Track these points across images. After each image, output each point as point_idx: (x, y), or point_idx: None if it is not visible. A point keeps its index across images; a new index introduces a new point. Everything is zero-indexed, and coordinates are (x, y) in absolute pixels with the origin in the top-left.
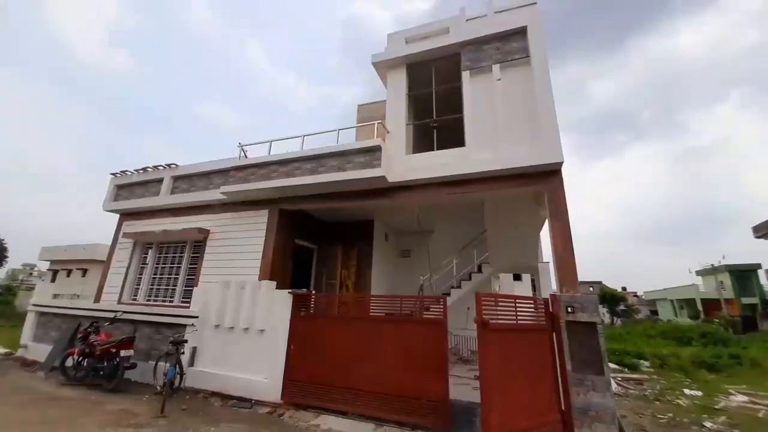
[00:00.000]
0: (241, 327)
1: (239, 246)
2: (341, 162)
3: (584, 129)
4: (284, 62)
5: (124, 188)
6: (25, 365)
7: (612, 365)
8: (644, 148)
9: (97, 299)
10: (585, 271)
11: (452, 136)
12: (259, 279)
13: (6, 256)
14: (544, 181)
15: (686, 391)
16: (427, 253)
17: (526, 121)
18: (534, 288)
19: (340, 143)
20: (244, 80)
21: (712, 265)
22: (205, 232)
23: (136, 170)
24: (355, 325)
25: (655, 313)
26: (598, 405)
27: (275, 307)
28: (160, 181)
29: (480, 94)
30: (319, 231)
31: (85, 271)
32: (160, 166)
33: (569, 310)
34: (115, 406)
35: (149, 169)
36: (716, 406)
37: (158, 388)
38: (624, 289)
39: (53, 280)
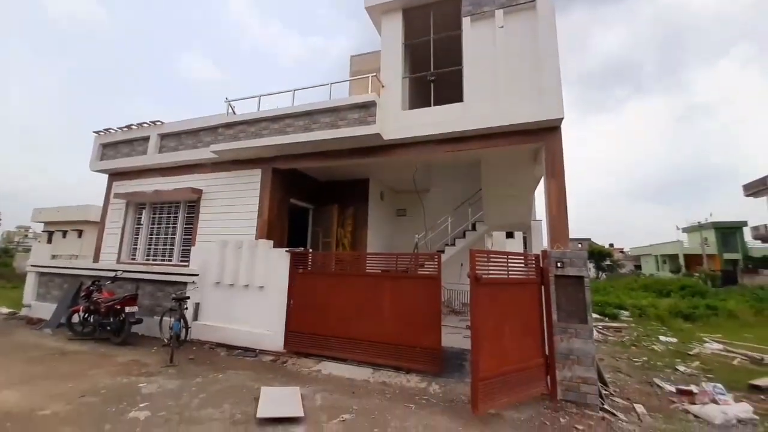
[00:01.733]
0: (242, 284)
1: (234, 206)
2: (334, 118)
3: (582, 82)
4: (268, 10)
5: (109, 147)
6: (30, 323)
7: (594, 315)
8: (644, 104)
9: (96, 259)
10: (575, 229)
11: (450, 90)
12: (256, 238)
13: None
14: (543, 137)
15: (662, 338)
16: (422, 212)
17: (528, 74)
18: (525, 245)
19: (333, 98)
20: (224, 31)
21: (699, 222)
22: (198, 192)
23: (120, 128)
24: (353, 281)
25: (639, 268)
26: (579, 350)
27: (273, 264)
28: (146, 139)
29: (480, 44)
30: (314, 190)
31: (80, 232)
32: (145, 123)
33: (559, 265)
34: (125, 357)
35: (134, 127)
36: (690, 353)
37: (165, 340)
38: (611, 245)
39: (49, 241)
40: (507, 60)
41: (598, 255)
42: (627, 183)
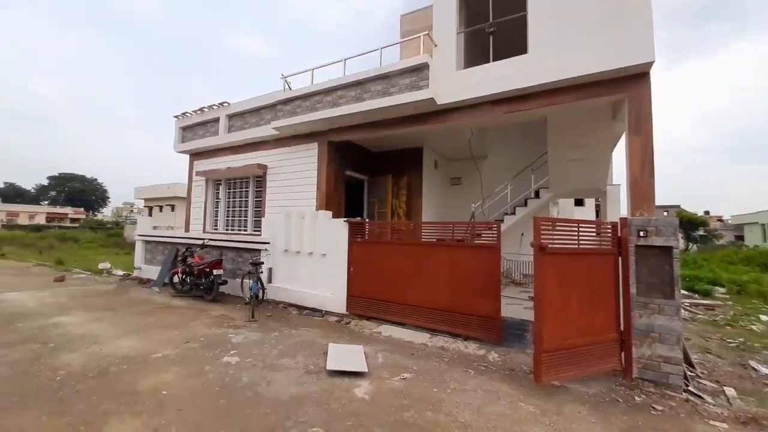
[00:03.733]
0: (306, 251)
1: (295, 179)
2: (386, 86)
3: (669, 21)
4: None
5: (187, 129)
6: (141, 283)
7: (681, 291)
8: (747, 43)
9: (187, 229)
10: (661, 194)
11: (512, 43)
12: (316, 209)
13: (107, 197)
14: (625, 87)
15: (763, 317)
16: (479, 180)
17: (608, 11)
18: (597, 213)
19: (383, 64)
20: (266, 2)
21: None
22: (263, 168)
23: (194, 111)
24: (409, 250)
25: (740, 238)
26: (662, 327)
27: (333, 234)
28: (216, 120)
29: None
30: (368, 162)
31: (173, 207)
32: (214, 105)
33: (641, 234)
34: (216, 312)
35: (205, 110)
36: None
37: (246, 299)
38: (707, 213)
39: (150, 214)
40: None
41: (689, 224)
42: (728, 139)
